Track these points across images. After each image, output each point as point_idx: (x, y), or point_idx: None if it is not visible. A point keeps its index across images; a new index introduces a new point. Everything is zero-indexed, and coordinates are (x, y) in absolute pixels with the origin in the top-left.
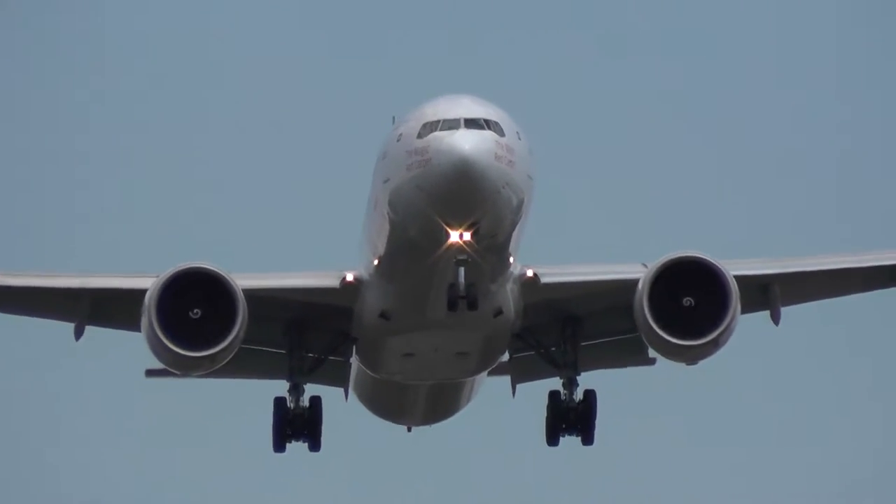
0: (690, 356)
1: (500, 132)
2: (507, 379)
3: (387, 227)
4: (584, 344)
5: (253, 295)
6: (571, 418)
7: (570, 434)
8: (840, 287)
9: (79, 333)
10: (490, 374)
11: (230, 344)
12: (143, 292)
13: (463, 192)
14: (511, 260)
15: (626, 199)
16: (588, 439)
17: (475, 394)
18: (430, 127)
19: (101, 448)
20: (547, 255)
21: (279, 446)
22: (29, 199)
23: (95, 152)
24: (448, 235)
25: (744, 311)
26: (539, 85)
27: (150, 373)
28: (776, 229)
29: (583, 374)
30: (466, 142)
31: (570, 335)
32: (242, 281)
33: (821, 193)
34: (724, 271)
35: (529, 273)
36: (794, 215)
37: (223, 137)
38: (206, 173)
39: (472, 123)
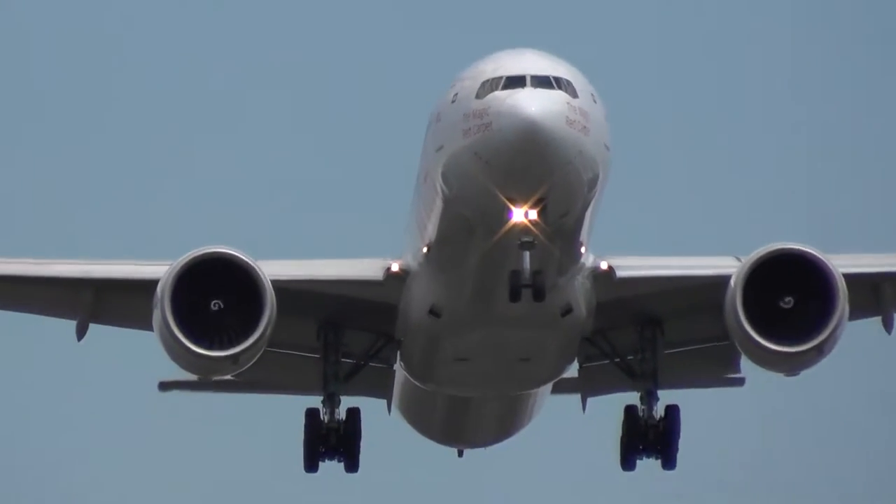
0: (790, 365)
1: (573, 93)
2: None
3: (439, 204)
4: (666, 352)
5: (282, 287)
6: (650, 438)
7: (647, 456)
8: None
9: (81, 332)
10: (555, 390)
11: (256, 342)
12: (155, 282)
13: (529, 161)
14: (582, 249)
15: (715, 183)
16: (669, 462)
17: (538, 411)
18: (491, 85)
19: (109, 467)
20: (623, 246)
21: (311, 465)
22: (27, 182)
23: (107, 129)
24: (511, 213)
25: (851, 317)
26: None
27: (164, 385)
28: (887, 222)
29: (663, 391)
30: (533, 102)
31: (650, 340)
32: (270, 269)
33: None
34: (831, 266)
35: (604, 265)
36: None
37: (246, 114)
38: (228, 152)
39: (539, 81)
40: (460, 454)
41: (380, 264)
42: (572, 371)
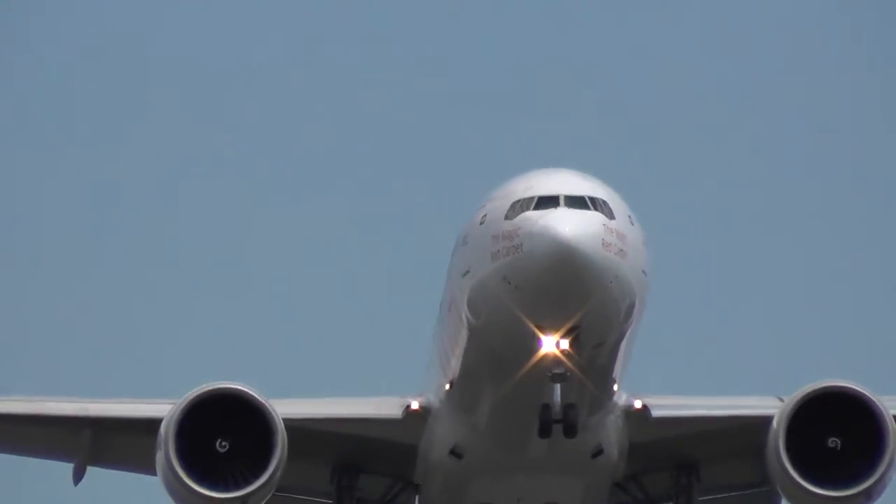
0: None
1: (610, 214)
2: None
3: (464, 334)
4: (702, 498)
5: (294, 426)
6: None
7: None
8: None
9: (78, 475)
10: None
11: (266, 483)
12: (158, 421)
13: (562, 285)
14: (615, 386)
15: (753, 319)
16: None
17: None
18: (522, 206)
19: None
20: (657, 386)
21: None
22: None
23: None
24: (541, 343)
25: None
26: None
27: None
28: None
29: None
30: (567, 223)
31: (685, 486)
32: (282, 408)
33: None
34: (880, 404)
35: (638, 404)
36: None
37: (255, 232)
38: (236, 282)
39: (574, 201)
40: None
41: (399, 402)
42: None
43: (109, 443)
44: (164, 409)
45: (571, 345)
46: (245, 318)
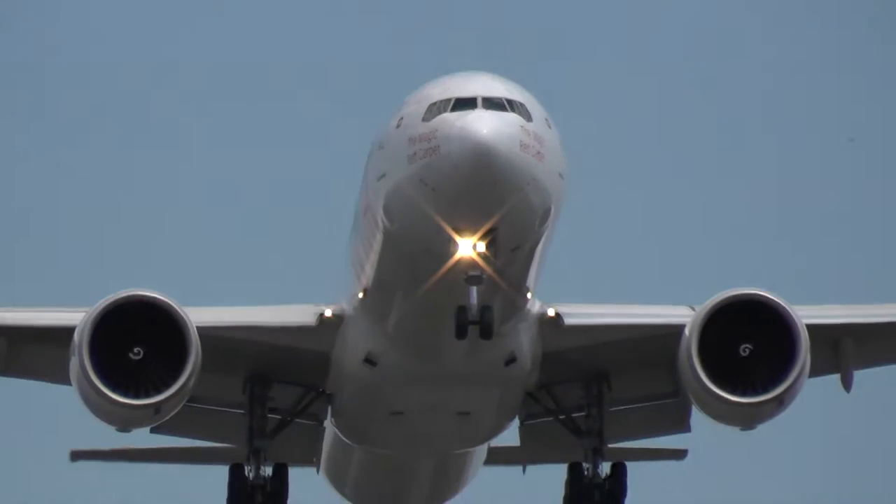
0: (748, 418)
1: (527, 116)
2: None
3: (379, 239)
4: (612, 409)
5: (207, 334)
6: (596, 498)
7: None
8: None
9: None
10: (494, 461)
11: (179, 390)
12: (72, 330)
13: (479, 186)
14: (529, 294)
15: (666, 230)
16: None
17: (473, 474)
18: (439, 108)
19: None
20: (569, 295)
21: None
22: None
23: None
24: (458, 246)
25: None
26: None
27: (76, 455)
28: (847, 276)
29: (609, 445)
30: (485, 124)
31: (597, 396)
32: (195, 316)
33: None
34: (792, 312)
35: (550, 312)
36: (869, 259)
37: (167, 146)
38: (147, 190)
39: (491, 104)
40: None
41: (312, 310)
42: (513, 438)
43: (23, 352)
44: (78, 317)
45: (488, 247)
46: (159, 227)
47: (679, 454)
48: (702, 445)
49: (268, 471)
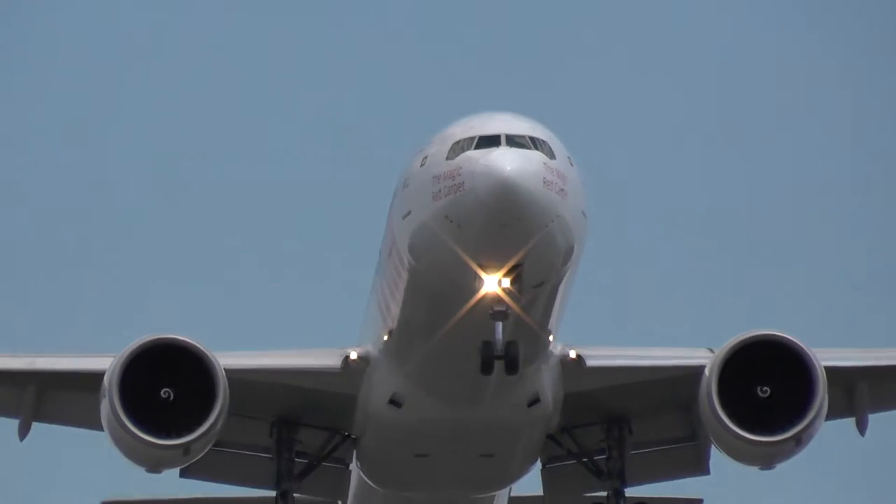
0: (766, 457)
1: (550, 154)
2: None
3: (404, 277)
4: (633, 452)
5: (235, 377)
6: None
7: None
8: None
9: (24, 431)
10: None
11: (208, 430)
12: (101, 374)
13: (504, 222)
14: (551, 337)
15: (684, 272)
16: None
17: None
18: (463, 146)
19: None
20: (590, 338)
21: None
22: None
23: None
24: (483, 282)
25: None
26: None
27: None
28: (863, 321)
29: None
30: (509, 161)
31: (617, 439)
32: (222, 360)
33: None
34: (810, 353)
35: (572, 354)
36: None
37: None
38: (177, 231)
39: (514, 141)
40: None
41: (338, 353)
42: (534, 484)
43: (54, 398)
44: (107, 361)
45: (513, 283)
46: (185, 274)
47: (695, 503)
48: (718, 493)
49: None
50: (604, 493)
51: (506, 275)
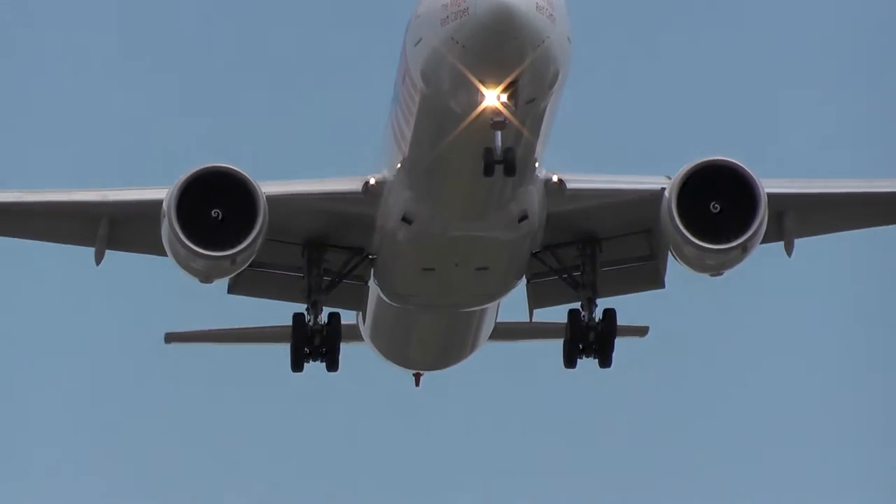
0: (718, 263)
1: None
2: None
3: (416, 100)
4: (603, 270)
5: (272, 201)
6: (591, 338)
7: (587, 356)
8: (859, 217)
9: (99, 258)
10: (503, 337)
11: (252, 243)
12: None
13: (502, 40)
14: (537, 162)
15: (647, 104)
16: (606, 361)
17: (484, 338)
18: None
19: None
20: (563, 165)
21: (297, 366)
22: None
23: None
24: (484, 96)
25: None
26: None
27: (170, 337)
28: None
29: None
30: None
31: (590, 257)
32: (263, 188)
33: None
34: (754, 175)
35: (555, 178)
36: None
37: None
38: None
39: None
40: (417, 384)
41: (359, 179)
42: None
43: (124, 226)
44: (164, 192)
45: (509, 97)
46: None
47: (642, 331)
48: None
49: (324, 319)
50: (579, 303)
51: (504, 90)
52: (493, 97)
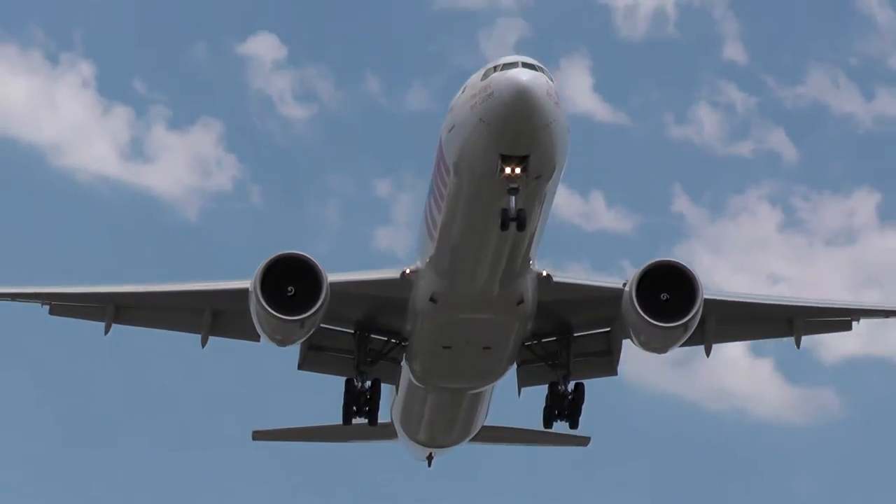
0: (665, 340)
1: (550, 78)
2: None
3: (447, 179)
4: (574, 359)
5: (331, 286)
6: (564, 405)
7: (561, 419)
8: (770, 328)
9: (204, 341)
10: (489, 439)
11: (316, 311)
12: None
13: (520, 117)
14: (532, 259)
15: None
16: (574, 424)
17: (482, 421)
18: (491, 71)
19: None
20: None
21: (347, 419)
22: None
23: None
24: (503, 169)
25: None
26: None
27: (257, 435)
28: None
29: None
30: (524, 74)
31: (566, 347)
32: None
33: None
34: (694, 273)
35: (544, 273)
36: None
37: None
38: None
39: (528, 65)
40: (429, 464)
41: (397, 271)
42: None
43: (222, 314)
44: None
45: (523, 170)
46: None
47: (583, 441)
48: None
49: (368, 384)
50: (556, 380)
51: (518, 164)
52: (510, 169)
